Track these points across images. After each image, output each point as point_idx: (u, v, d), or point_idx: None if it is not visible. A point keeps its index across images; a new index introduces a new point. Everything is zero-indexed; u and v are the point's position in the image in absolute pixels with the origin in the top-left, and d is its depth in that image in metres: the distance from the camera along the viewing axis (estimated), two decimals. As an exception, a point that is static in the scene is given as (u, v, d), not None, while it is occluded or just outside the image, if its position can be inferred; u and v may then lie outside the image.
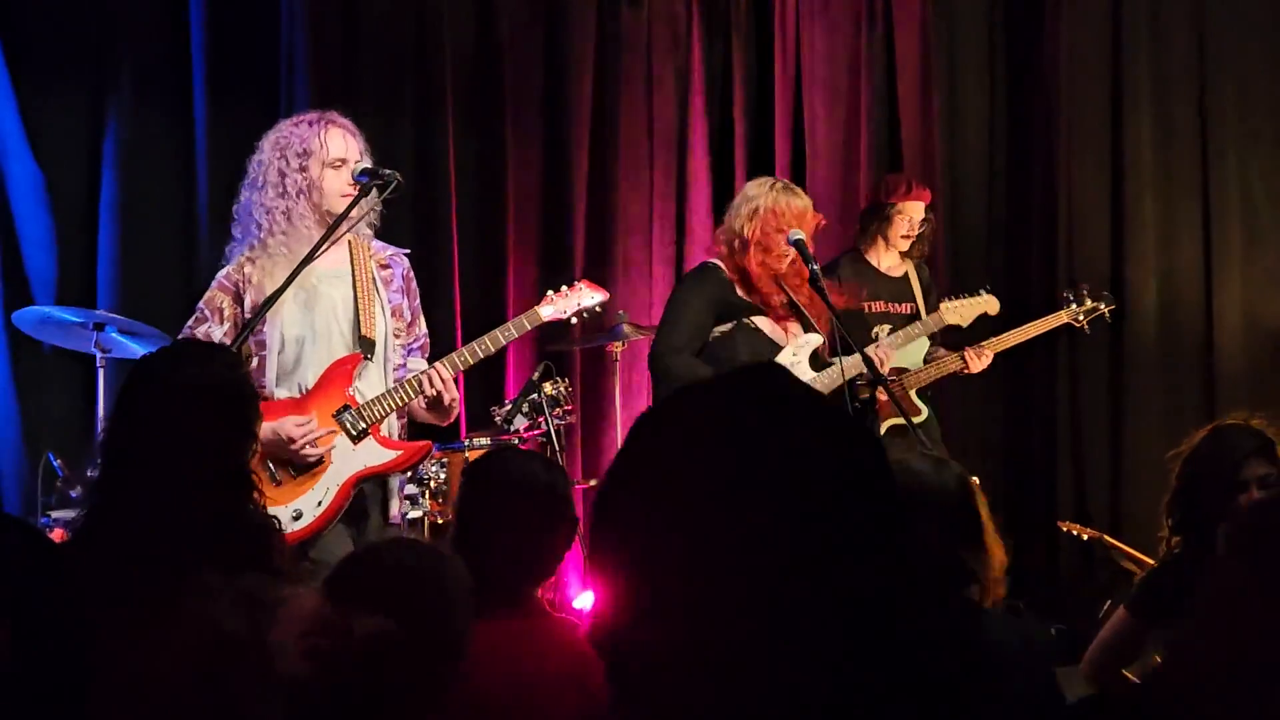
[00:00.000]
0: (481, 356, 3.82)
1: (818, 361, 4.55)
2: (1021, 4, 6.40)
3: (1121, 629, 3.25)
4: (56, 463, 4.72)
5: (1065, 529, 5.33)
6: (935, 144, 6.25)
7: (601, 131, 6.14)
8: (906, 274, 5.45)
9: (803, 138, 6.26)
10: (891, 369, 5.26)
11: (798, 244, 4.38)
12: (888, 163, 6.27)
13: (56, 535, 4.30)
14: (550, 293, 4.05)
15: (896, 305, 5.41)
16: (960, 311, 5.16)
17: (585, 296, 4.05)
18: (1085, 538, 5.22)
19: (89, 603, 2.17)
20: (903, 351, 5.30)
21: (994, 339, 5.37)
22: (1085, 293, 5.59)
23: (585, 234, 6.09)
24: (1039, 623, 3.41)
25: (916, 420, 5.17)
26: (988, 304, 5.25)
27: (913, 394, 5.27)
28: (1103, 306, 5.59)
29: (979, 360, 5.31)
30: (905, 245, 5.39)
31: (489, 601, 2.49)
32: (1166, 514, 3.24)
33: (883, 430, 5.14)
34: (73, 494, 4.67)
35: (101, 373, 4.65)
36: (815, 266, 4.29)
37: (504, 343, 3.87)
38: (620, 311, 5.46)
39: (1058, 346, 5.93)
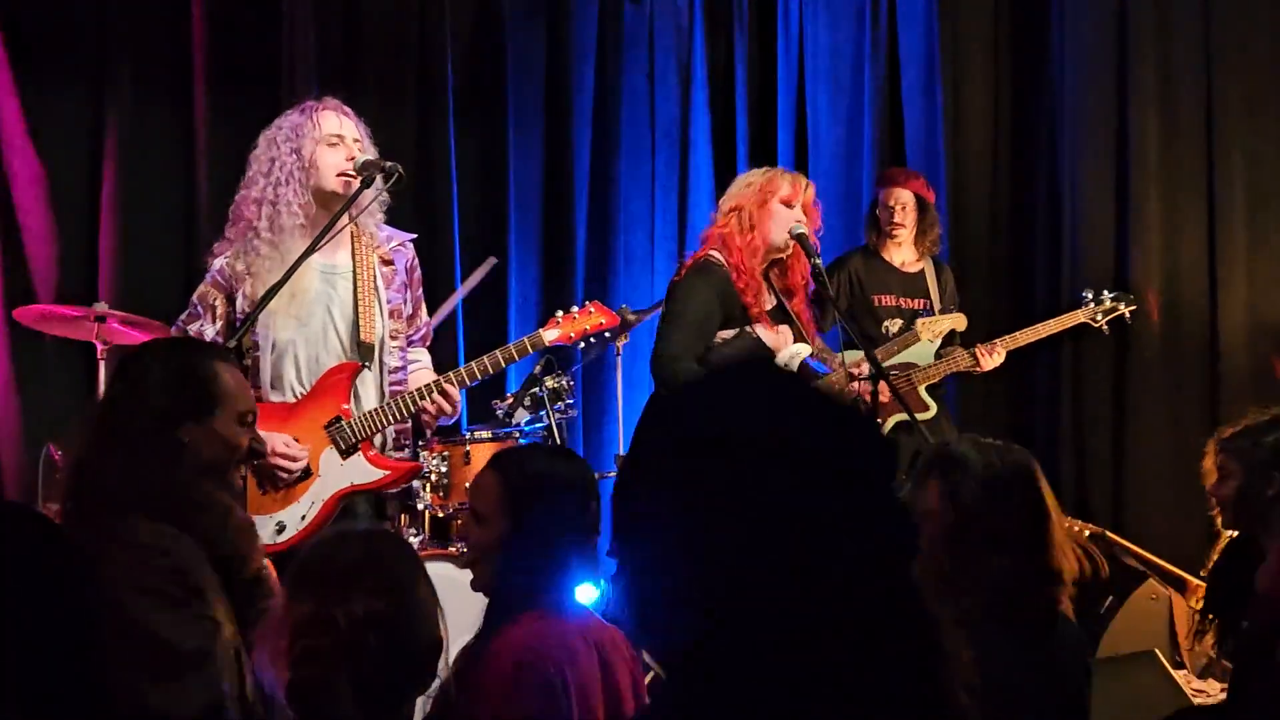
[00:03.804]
0: (480, 378, 3.76)
1: (805, 373, 4.42)
2: (1026, -2, 6.39)
3: None
4: (57, 454, 4.71)
5: (1067, 525, 5.31)
6: (939, 139, 6.23)
7: (604, 125, 6.14)
8: (923, 271, 5.44)
9: (805, 132, 6.25)
10: (900, 364, 5.26)
11: (799, 237, 4.35)
12: (891, 157, 6.25)
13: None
14: (559, 314, 3.99)
15: (909, 300, 5.40)
16: (931, 327, 5.11)
17: (594, 320, 3.99)
18: (1087, 533, 5.20)
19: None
20: (913, 348, 5.30)
21: (1006, 337, 5.36)
22: (1106, 293, 5.58)
23: (587, 227, 6.09)
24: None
25: (924, 417, 5.16)
26: (955, 320, 5.23)
27: (921, 390, 5.25)
28: (1122, 307, 5.57)
29: (990, 357, 5.29)
30: (898, 235, 5.39)
31: (528, 605, 2.38)
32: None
33: (888, 427, 5.12)
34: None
35: (103, 364, 4.64)
36: (818, 260, 4.27)
37: (504, 364, 3.79)
38: (622, 305, 5.45)
39: (1061, 342, 5.90)
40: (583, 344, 4.05)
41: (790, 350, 4.36)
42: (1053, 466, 6.15)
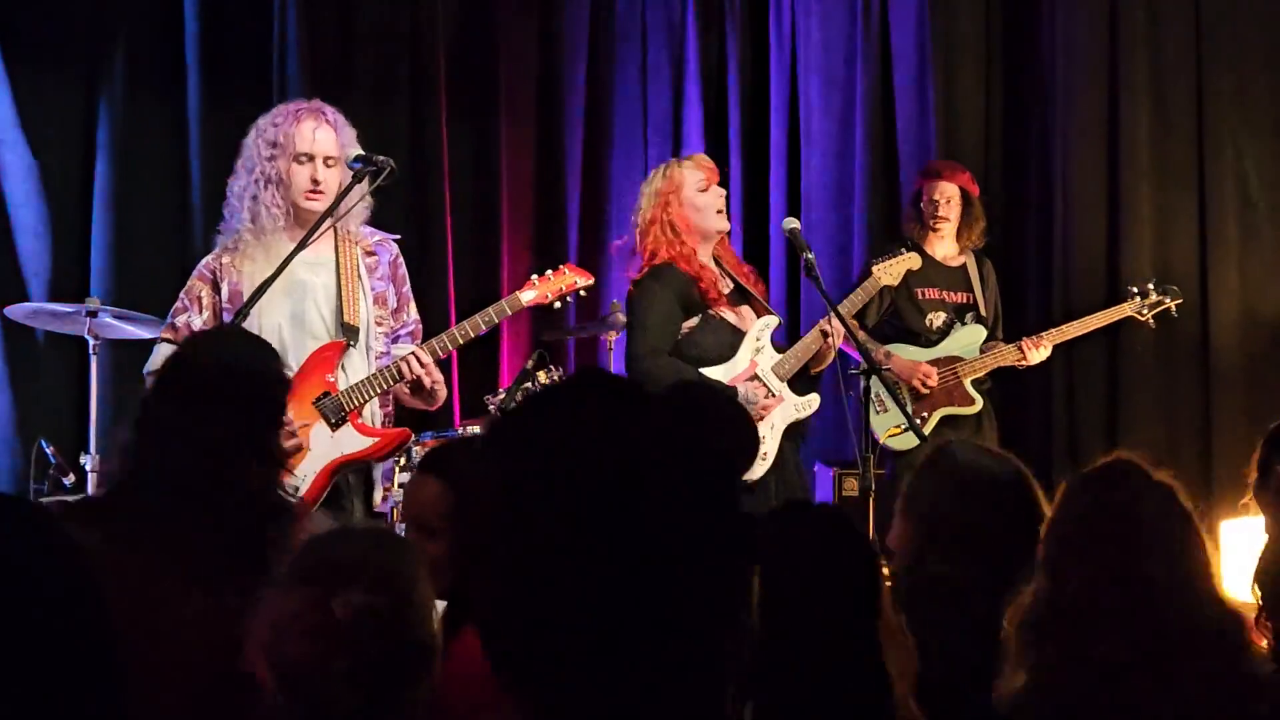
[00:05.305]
0: (462, 342, 3.83)
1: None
2: (1018, -7, 6.39)
3: None
4: (49, 449, 4.71)
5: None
6: (931, 134, 6.23)
7: (596, 119, 6.14)
8: (965, 265, 5.42)
9: (798, 127, 6.25)
10: (946, 358, 5.25)
11: (792, 233, 4.36)
12: (883, 152, 6.26)
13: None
14: (534, 277, 4.05)
15: (952, 294, 5.36)
16: (890, 270, 4.83)
17: (569, 280, 4.05)
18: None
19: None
20: (956, 341, 5.29)
21: (1053, 330, 5.35)
22: (1151, 286, 5.53)
23: (579, 222, 6.09)
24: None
25: (971, 411, 5.18)
26: (910, 260, 4.90)
27: (967, 384, 5.22)
28: (1169, 300, 5.49)
29: (1036, 351, 5.25)
30: (941, 229, 5.35)
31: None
32: None
33: (934, 421, 5.10)
34: (65, 481, 4.66)
35: (94, 359, 4.63)
36: (810, 255, 4.25)
37: (484, 328, 3.86)
38: (614, 301, 5.46)
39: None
40: (559, 304, 4.09)
41: (760, 324, 4.41)
42: (1045, 462, 6.17)
